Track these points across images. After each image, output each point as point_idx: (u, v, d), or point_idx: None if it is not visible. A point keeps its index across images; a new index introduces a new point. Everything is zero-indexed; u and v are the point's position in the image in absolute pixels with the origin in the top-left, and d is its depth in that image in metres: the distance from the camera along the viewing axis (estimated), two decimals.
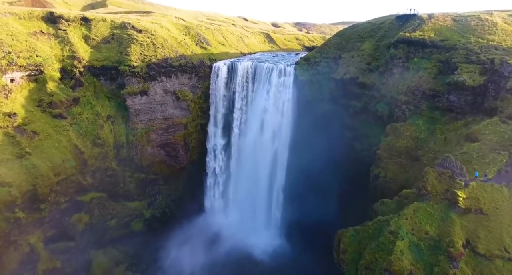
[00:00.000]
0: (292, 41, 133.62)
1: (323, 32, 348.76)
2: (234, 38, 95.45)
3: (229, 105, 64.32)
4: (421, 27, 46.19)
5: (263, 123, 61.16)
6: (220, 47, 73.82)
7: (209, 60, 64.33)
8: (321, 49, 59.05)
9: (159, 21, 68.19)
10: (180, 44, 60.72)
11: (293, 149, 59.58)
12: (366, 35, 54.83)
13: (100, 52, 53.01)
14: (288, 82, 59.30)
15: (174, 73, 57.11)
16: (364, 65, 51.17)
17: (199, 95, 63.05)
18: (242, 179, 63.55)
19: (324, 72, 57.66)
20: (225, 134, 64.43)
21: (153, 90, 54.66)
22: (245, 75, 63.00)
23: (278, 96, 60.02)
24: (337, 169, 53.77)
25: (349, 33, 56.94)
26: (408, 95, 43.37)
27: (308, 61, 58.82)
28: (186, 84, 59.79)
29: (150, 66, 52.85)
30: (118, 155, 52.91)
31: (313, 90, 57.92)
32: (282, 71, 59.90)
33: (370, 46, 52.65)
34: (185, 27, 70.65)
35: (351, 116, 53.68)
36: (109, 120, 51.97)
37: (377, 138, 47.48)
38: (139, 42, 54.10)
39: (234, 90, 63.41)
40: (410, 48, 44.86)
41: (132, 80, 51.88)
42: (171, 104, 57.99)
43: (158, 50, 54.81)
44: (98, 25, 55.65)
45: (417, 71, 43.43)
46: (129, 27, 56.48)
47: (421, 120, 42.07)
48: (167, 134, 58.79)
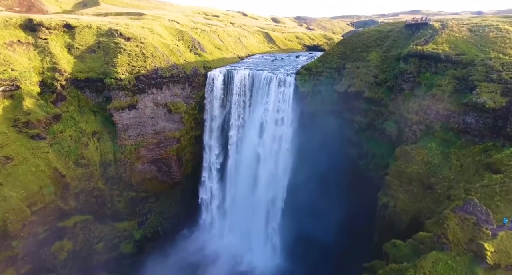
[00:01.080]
0: (292, 40, 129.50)
1: (323, 28, 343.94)
2: (231, 40, 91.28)
3: (226, 117, 60.42)
4: (434, 38, 42.21)
5: (262, 131, 57.37)
6: (216, 52, 69.69)
7: (203, 68, 60.25)
8: (324, 58, 55.04)
9: (150, 25, 63.88)
10: (172, 52, 56.56)
11: (293, 164, 55.89)
12: (372, 44, 50.82)
13: (84, 63, 48.88)
14: (288, 93, 55.40)
15: (166, 84, 53.08)
16: (370, 78, 47.27)
17: (193, 106, 59.08)
18: (239, 194, 59.93)
19: (326, 83, 53.79)
20: (222, 148, 60.62)
21: (143, 104, 50.69)
22: (242, 85, 59.02)
23: (277, 107, 56.22)
24: (341, 189, 50.24)
25: (354, 42, 52.89)
26: (419, 114, 39.56)
27: (310, 71, 54.86)
28: (179, 95, 55.80)
29: (138, 78, 48.80)
30: (105, 173, 49.11)
31: (315, 102, 54.09)
32: (282, 81, 55.94)
33: (376, 57, 48.68)
34: (179, 32, 66.39)
35: (355, 131, 49.96)
36: (94, 137, 48.04)
37: (385, 158, 43.87)
38: (127, 51, 49.95)
39: (231, 101, 59.47)
40: (422, 62, 40.92)
41: (119, 94, 47.86)
42: (162, 118, 54.05)
43: (148, 60, 50.69)
44: (82, 33, 51.43)
45: (430, 88, 39.58)
46: (116, 35, 52.28)
47: (434, 142, 38.34)
48: (158, 149, 54.95)
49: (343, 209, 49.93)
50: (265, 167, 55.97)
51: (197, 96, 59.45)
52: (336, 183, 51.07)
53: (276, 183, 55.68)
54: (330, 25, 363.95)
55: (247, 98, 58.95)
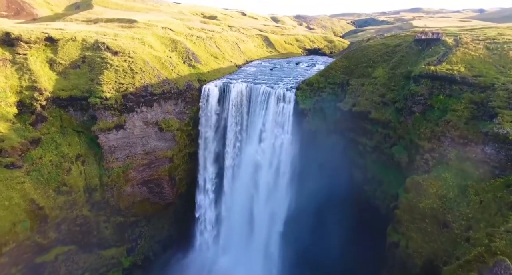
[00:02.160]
0: (292, 44, 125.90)
1: (324, 27, 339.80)
2: (228, 46, 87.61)
3: (221, 134, 56.83)
4: (447, 57, 38.67)
5: (259, 154, 53.85)
6: (211, 63, 65.91)
7: (198, 82, 56.56)
8: (326, 72, 51.39)
9: (142, 35, 60.09)
10: (164, 65, 52.79)
11: (293, 185, 52.39)
12: (379, 59, 47.22)
13: (67, 80, 45.12)
14: (287, 110, 51.82)
15: (156, 101, 49.37)
16: (377, 97, 43.70)
17: (186, 121, 55.40)
18: (236, 216, 56.37)
19: (329, 99, 50.23)
20: (217, 166, 57.03)
21: (131, 123, 46.98)
22: (239, 99, 55.42)
23: (276, 124, 52.65)
24: (345, 215, 46.72)
25: (358, 56, 49.27)
26: (432, 141, 36.07)
27: (311, 87, 51.27)
28: (171, 112, 52.10)
29: (126, 97, 45.06)
30: (90, 199, 45.47)
31: (316, 120, 50.55)
32: (281, 96, 52.34)
33: (383, 74, 45.09)
34: (172, 42, 62.59)
35: (360, 153, 46.45)
36: (78, 160, 44.34)
37: (393, 186, 40.39)
38: (114, 67, 46.16)
39: (227, 117, 55.88)
40: (434, 83, 37.37)
41: (105, 114, 44.12)
42: (153, 137, 50.37)
43: (137, 76, 46.94)
44: (66, 46, 47.63)
45: (444, 113, 36.05)
46: (103, 48, 48.49)
47: (448, 173, 34.84)
48: (149, 170, 51.31)
49: (348, 237, 46.50)
50: (263, 189, 52.47)
51: (191, 112, 55.79)
52: (340, 208, 47.55)
53: (275, 206, 52.19)
54: (331, 24, 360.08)
55: (244, 114, 55.39)
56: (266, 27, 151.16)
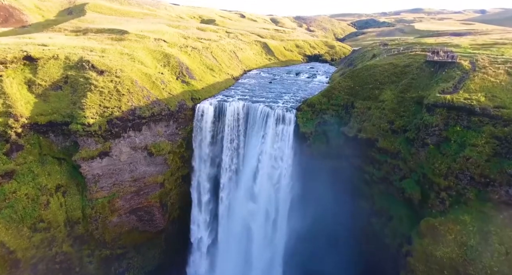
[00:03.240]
0: (292, 50, 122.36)
1: (324, 28, 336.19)
2: (225, 56, 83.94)
3: (216, 157, 53.06)
4: (464, 83, 34.98)
5: (257, 180, 50.12)
6: (207, 77, 62.08)
7: (191, 100, 52.79)
8: (329, 92, 47.64)
9: (132, 49, 56.29)
10: (154, 84, 48.99)
11: (294, 214, 48.66)
12: (386, 80, 43.49)
13: (47, 103, 41.32)
14: (287, 132, 48.18)
15: (146, 124, 45.59)
16: (385, 124, 39.98)
17: (179, 143, 51.62)
18: (232, 248, 52.45)
19: (332, 122, 46.54)
20: (212, 193, 53.27)
21: (117, 150, 43.20)
22: (235, 120, 51.71)
23: (275, 148, 48.93)
24: (351, 250, 43.04)
25: (364, 76, 45.53)
26: (449, 178, 32.36)
27: (313, 108, 47.56)
28: (162, 134, 48.31)
29: (111, 122, 41.26)
30: (72, 233, 41.69)
31: (319, 145, 46.87)
32: (280, 117, 48.70)
33: (391, 97, 41.38)
34: (164, 56, 58.78)
35: (367, 182, 42.76)
36: (58, 191, 40.56)
37: (404, 224, 36.67)
38: (99, 89, 42.36)
39: (222, 138, 52.12)
40: (450, 113, 33.67)
41: (87, 141, 40.32)
42: (142, 162, 46.59)
43: (124, 98, 43.14)
44: (47, 65, 43.82)
45: (462, 148, 32.35)
46: (87, 67, 44.70)
47: (468, 215, 31.17)
48: (138, 197, 47.52)
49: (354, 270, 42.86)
50: (261, 218, 48.75)
51: (184, 132, 52.02)
52: (345, 241, 43.92)
53: (274, 237, 48.44)
54: (331, 26, 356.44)
55: (241, 136, 51.69)
56: (265, 32, 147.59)
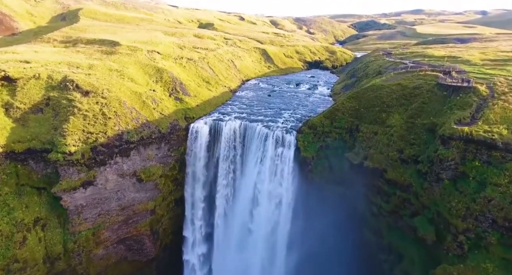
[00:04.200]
0: (292, 57, 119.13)
1: (324, 30, 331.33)
2: (223, 66, 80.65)
3: (212, 181, 49.78)
4: (482, 112, 31.69)
5: (254, 206, 46.86)
6: (202, 92, 58.72)
7: (185, 120, 49.47)
8: (331, 114, 44.32)
9: (122, 64, 52.91)
10: (144, 104, 45.64)
11: (294, 245, 45.38)
12: (394, 103, 40.17)
13: (26, 128, 37.98)
14: (287, 156, 44.88)
15: (135, 148, 42.27)
16: (393, 153, 36.66)
17: (172, 165, 48.33)
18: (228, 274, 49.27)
19: (335, 146, 43.28)
20: (207, 218, 50.00)
21: (103, 178, 39.84)
22: (232, 141, 48.44)
23: (274, 173, 45.67)
24: None
25: (370, 97, 42.20)
26: (468, 220, 29.04)
27: (314, 130, 44.26)
28: (153, 158, 44.98)
29: (95, 149, 37.92)
30: (53, 269, 38.34)
31: (321, 170, 43.63)
32: (280, 140, 45.39)
33: (400, 122, 38.07)
34: (157, 71, 55.42)
35: (374, 214, 39.42)
36: (37, 225, 37.20)
37: (417, 267, 33.32)
38: (83, 112, 39.00)
39: (218, 161, 48.84)
40: (468, 146, 30.36)
41: (69, 171, 36.96)
42: (131, 189, 43.25)
43: (110, 122, 39.78)
44: (27, 86, 40.49)
45: (482, 186, 29.04)
46: (71, 87, 41.36)
47: (490, 262, 27.87)
48: (126, 227, 44.19)
49: None
50: (258, 248, 45.46)
51: (178, 153, 48.73)
52: None
53: (273, 270, 45.10)
54: (331, 28, 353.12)
55: (238, 159, 48.40)
56: (264, 36, 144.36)
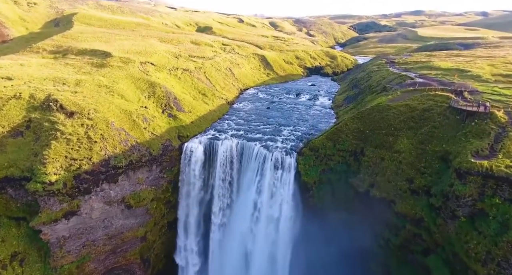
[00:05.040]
0: (292, 62, 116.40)
1: (324, 32, 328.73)
2: (220, 76, 77.80)
3: (206, 203, 46.88)
4: (502, 143, 28.78)
5: (251, 232, 43.91)
6: (198, 106, 55.80)
7: (178, 139, 46.52)
8: (334, 135, 41.37)
9: (112, 79, 50.01)
10: (134, 124, 42.69)
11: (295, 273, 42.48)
12: (402, 125, 37.22)
13: (4, 153, 35.03)
14: (287, 180, 42.00)
15: (124, 173, 39.30)
16: (402, 182, 33.74)
17: (164, 187, 45.37)
18: None
19: (339, 171, 40.36)
20: (201, 246, 47.04)
21: (88, 207, 36.85)
22: (228, 161, 45.54)
23: (273, 197, 42.76)
24: None
25: (375, 119, 39.26)
26: (489, 266, 26.13)
27: (316, 152, 41.32)
28: (143, 181, 42.02)
29: (79, 177, 34.92)
30: None
31: (323, 196, 40.74)
32: (279, 162, 42.50)
33: (409, 148, 35.14)
34: (150, 85, 52.51)
35: (381, 247, 36.47)
36: (14, 260, 34.23)
37: None
38: (66, 136, 36.03)
39: (213, 182, 45.96)
40: (487, 181, 27.45)
41: (49, 202, 34.00)
42: (119, 216, 40.28)
43: (96, 146, 36.81)
44: (7, 107, 37.56)
45: (505, 227, 26.13)
46: (55, 107, 38.41)
47: None
48: (114, 256, 41.22)
49: None
50: None
51: (171, 174, 45.79)
52: None
53: None
54: (331, 30, 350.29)
55: (234, 181, 45.49)
56: (264, 40, 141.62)
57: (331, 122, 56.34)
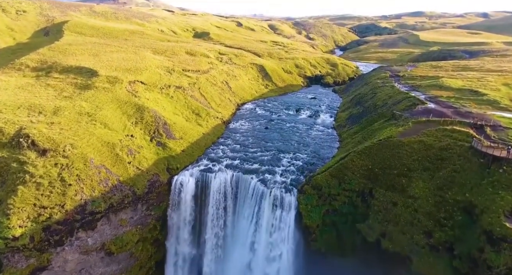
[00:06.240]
0: (292, 71, 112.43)
1: (324, 35, 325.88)
2: (216, 92, 73.69)
3: (198, 242, 42.66)
4: None
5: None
6: (190, 131, 51.52)
7: (167, 172, 42.31)
8: (339, 172, 37.07)
9: (96, 104, 45.76)
10: (117, 158, 38.41)
11: None
12: (416, 166, 32.95)
13: None
14: (287, 221, 37.82)
15: (104, 216, 35.01)
16: (419, 236, 29.50)
17: (152, 225, 41.14)
18: None
19: (344, 212, 36.13)
20: None
21: (60, 259, 32.55)
22: (222, 197, 41.36)
23: (270, 237, 38.55)
24: None
25: (385, 156, 34.99)
26: None
27: (319, 191, 37.07)
28: (127, 223, 37.75)
29: (49, 229, 30.62)
30: None
31: (327, 239, 36.50)
32: (278, 200, 38.29)
33: (426, 193, 30.89)
34: (138, 109, 48.27)
35: None
36: None
37: None
38: (36, 179, 31.75)
39: (206, 220, 41.73)
40: None
41: (14, 259, 29.70)
42: (98, 264, 35.97)
43: (70, 191, 32.52)
44: None
45: None
46: (25, 144, 34.12)
47: None
48: None
49: None
50: None
51: (159, 211, 41.58)
52: None
53: None
54: (331, 32, 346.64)
55: (229, 219, 41.29)
56: (262, 47, 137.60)
57: (335, 147, 52.19)
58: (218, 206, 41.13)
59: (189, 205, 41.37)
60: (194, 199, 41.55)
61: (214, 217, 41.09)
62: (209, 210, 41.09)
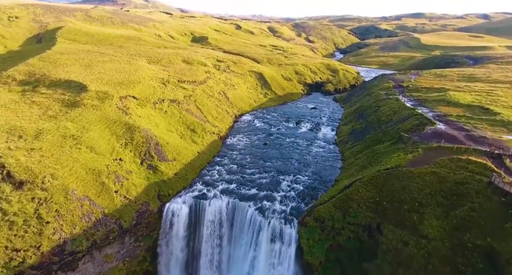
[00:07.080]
0: (291, 78, 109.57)
1: (324, 38, 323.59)
2: (212, 104, 70.79)
3: (191, 273, 39.66)
4: None
5: None
6: (184, 151, 48.61)
7: (158, 199, 39.29)
8: (344, 204, 34.09)
9: (83, 124, 42.77)
10: (103, 187, 35.42)
11: None
12: (429, 201, 29.95)
13: None
14: (287, 255, 34.85)
15: (87, 254, 31.99)
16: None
17: (141, 257, 38.07)
18: None
19: (350, 249, 33.06)
20: None
21: None
22: (217, 226, 38.41)
23: (269, 272, 35.57)
24: None
25: (394, 188, 32.00)
26: None
27: (322, 224, 34.09)
28: (113, 258, 34.73)
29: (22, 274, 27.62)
30: None
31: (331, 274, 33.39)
32: (277, 233, 35.35)
33: (441, 234, 27.90)
34: (128, 128, 45.29)
35: None
36: None
37: None
38: (9, 217, 28.74)
39: (199, 252, 38.75)
40: None
41: None
42: None
43: (48, 229, 29.51)
44: None
45: None
46: (0, 176, 31.04)
47: None
48: None
49: None
50: None
51: (149, 241, 38.55)
52: None
53: None
54: (331, 34, 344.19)
55: (224, 250, 38.32)
56: (261, 52, 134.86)
57: (337, 167, 49.26)
58: (213, 235, 38.21)
59: (182, 235, 38.41)
60: (187, 227, 38.59)
61: (208, 247, 38.16)
62: (203, 240, 38.15)
